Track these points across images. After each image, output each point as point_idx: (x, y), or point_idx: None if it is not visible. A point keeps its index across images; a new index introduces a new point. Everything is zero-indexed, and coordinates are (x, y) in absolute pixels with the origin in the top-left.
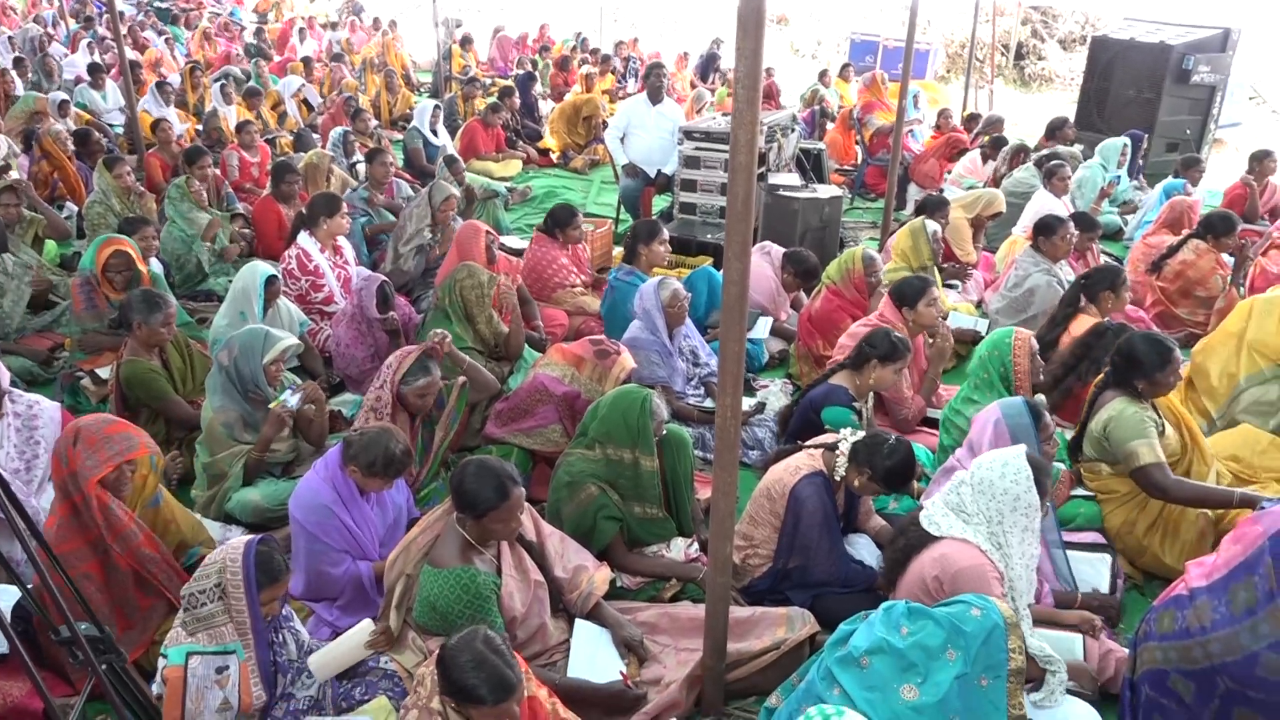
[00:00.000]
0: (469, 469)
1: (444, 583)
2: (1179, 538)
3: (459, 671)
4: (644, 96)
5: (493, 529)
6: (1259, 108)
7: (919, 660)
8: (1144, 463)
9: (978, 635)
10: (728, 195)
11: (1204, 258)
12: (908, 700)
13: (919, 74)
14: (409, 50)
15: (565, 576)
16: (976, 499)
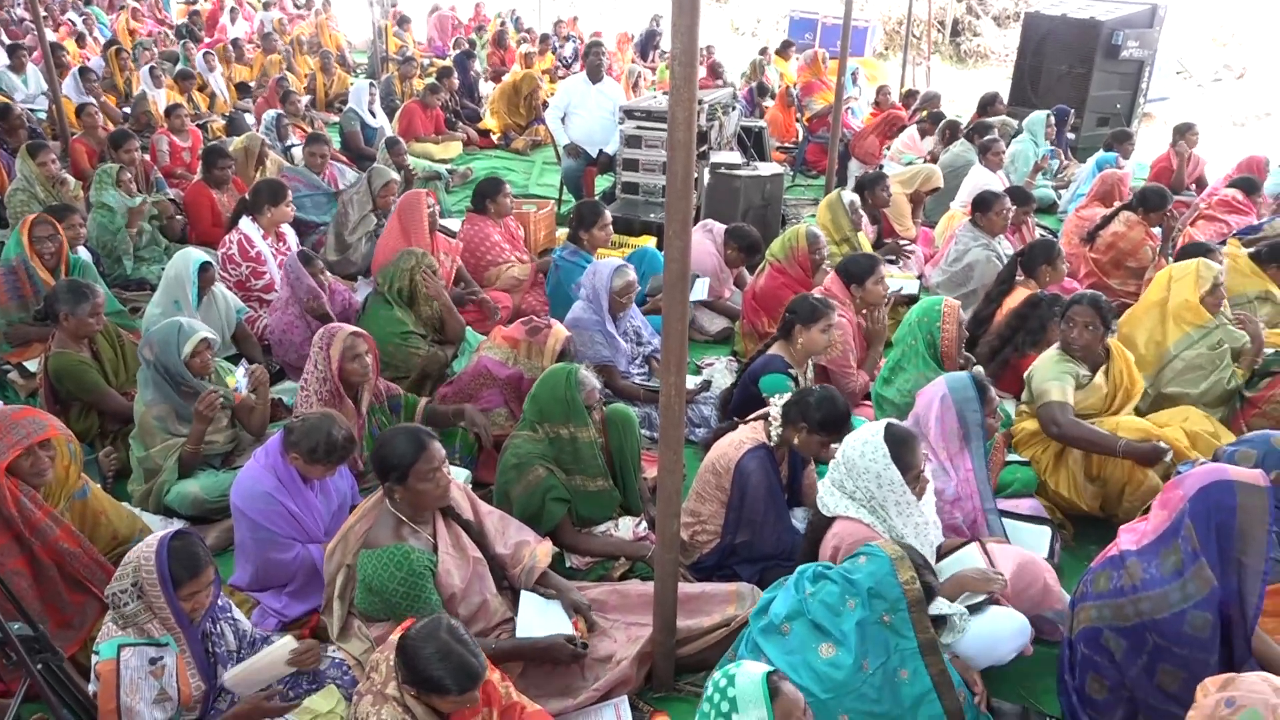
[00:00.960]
0: (385, 437)
1: (378, 563)
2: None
3: (423, 662)
4: (584, 76)
5: (420, 490)
6: (1185, 82)
7: (825, 618)
8: (1048, 399)
9: (866, 580)
10: (667, 173)
11: (1135, 229)
12: (826, 658)
13: (857, 51)
14: (343, 31)
15: (507, 553)
16: (851, 479)
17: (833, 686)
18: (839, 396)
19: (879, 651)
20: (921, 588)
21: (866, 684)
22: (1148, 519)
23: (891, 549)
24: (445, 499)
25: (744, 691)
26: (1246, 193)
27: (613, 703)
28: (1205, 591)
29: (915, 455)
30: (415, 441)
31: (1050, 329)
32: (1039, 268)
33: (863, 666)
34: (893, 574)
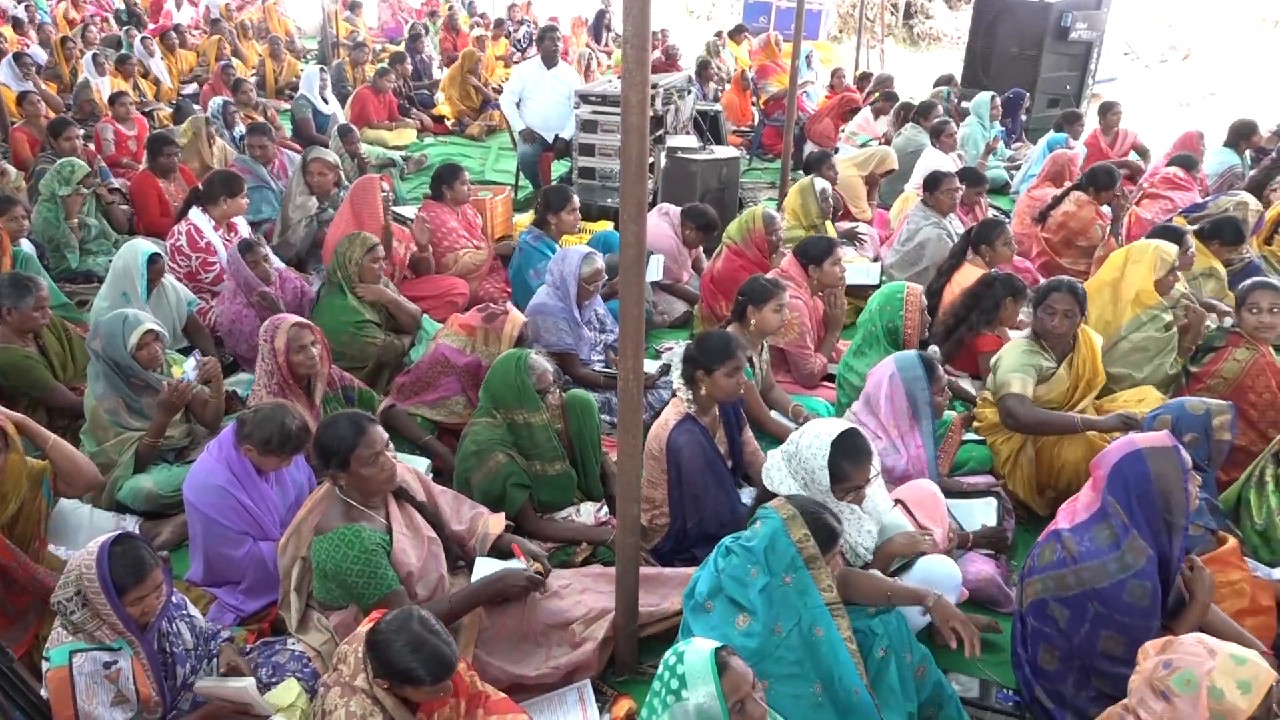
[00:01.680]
0: (325, 423)
1: (330, 546)
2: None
3: (395, 654)
4: (538, 60)
5: (364, 475)
6: (1133, 63)
7: (736, 591)
8: (1008, 391)
9: (761, 545)
10: (621, 158)
11: (1085, 208)
12: (742, 628)
13: (811, 34)
14: (292, 16)
15: (463, 528)
16: (793, 459)
17: (749, 655)
18: (713, 332)
19: (789, 614)
20: (818, 544)
21: (783, 648)
22: (1079, 497)
23: (784, 509)
24: (393, 482)
25: (692, 668)
26: (1186, 169)
27: (576, 687)
28: (1142, 561)
29: (858, 471)
30: (354, 426)
31: (1004, 307)
32: (983, 246)
33: (775, 631)
34: (785, 534)
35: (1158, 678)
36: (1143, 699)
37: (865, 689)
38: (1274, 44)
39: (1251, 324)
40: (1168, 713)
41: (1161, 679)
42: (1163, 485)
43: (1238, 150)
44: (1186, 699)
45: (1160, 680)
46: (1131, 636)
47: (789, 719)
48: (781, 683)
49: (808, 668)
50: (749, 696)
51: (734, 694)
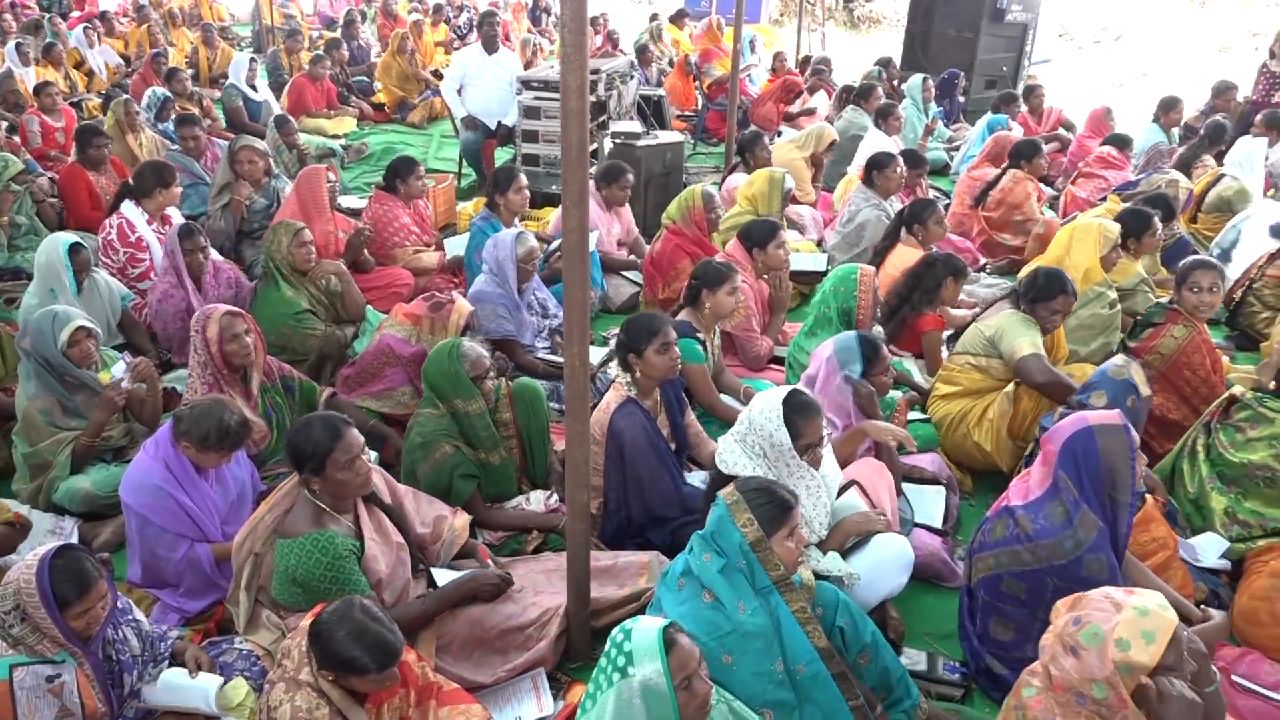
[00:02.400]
0: (298, 425)
1: (299, 551)
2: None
3: (339, 644)
4: (479, 46)
5: (339, 480)
6: (1067, 44)
7: (702, 573)
8: (1025, 354)
9: (710, 531)
10: (562, 143)
11: (1020, 185)
12: (708, 603)
13: (753, 18)
14: (225, 3)
15: (427, 530)
16: (752, 434)
17: (713, 629)
18: (635, 314)
19: (749, 594)
20: (768, 520)
21: (748, 623)
22: (1030, 474)
23: (730, 495)
24: (368, 487)
25: (639, 645)
26: (1119, 149)
27: (530, 675)
28: (1094, 535)
29: (810, 425)
30: (331, 430)
31: (946, 287)
32: (915, 226)
33: (740, 609)
34: (730, 519)
35: (1067, 633)
36: (1054, 655)
37: (817, 662)
38: (1202, 25)
39: (1192, 302)
40: (1076, 667)
41: (1071, 634)
42: (1110, 461)
43: (1164, 127)
44: (1093, 652)
45: (1069, 635)
46: None
47: (751, 698)
48: (745, 659)
49: (773, 645)
50: (695, 674)
51: (681, 671)
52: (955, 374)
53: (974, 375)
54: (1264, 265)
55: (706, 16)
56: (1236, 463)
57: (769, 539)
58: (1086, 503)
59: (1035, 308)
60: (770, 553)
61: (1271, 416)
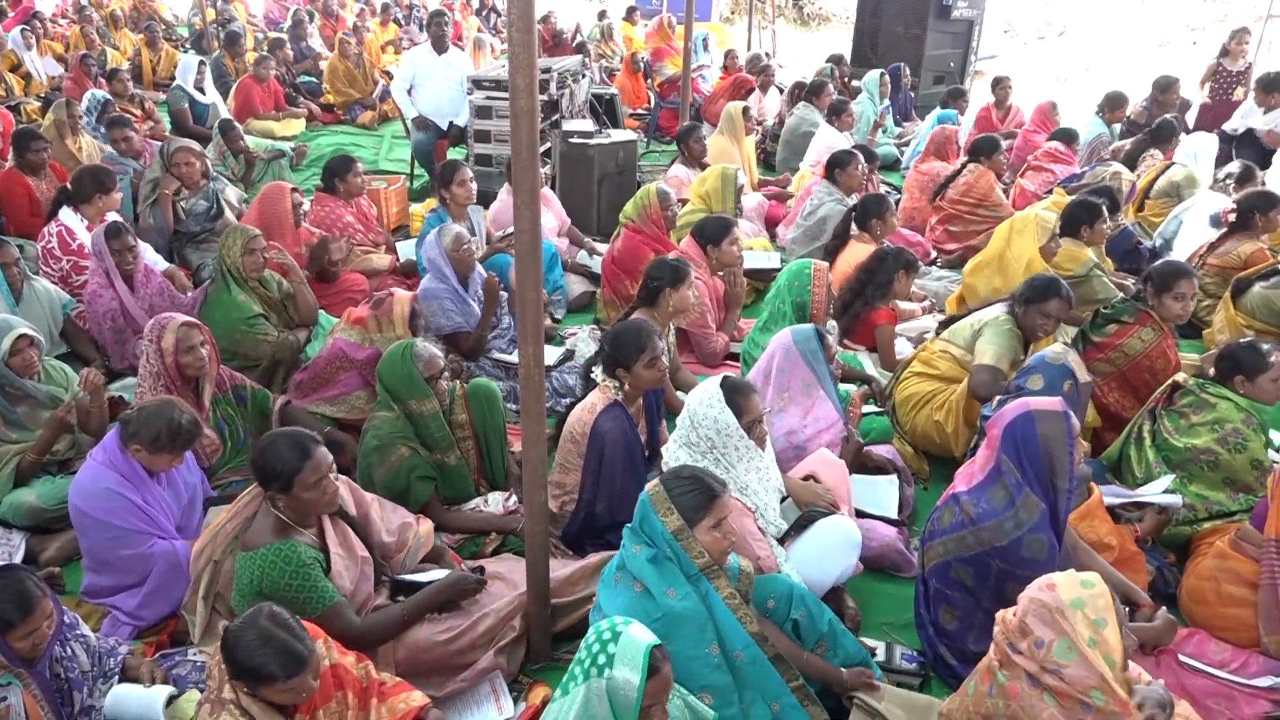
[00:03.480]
0: (265, 443)
1: (262, 563)
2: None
3: (245, 652)
4: (429, 46)
5: (306, 499)
6: (1013, 40)
7: (633, 565)
8: (985, 362)
9: (637, 524)
10: (512, 143)
11: (982, 178)
12: (639, 592)
13: (704, 16)
14: (167, 4)
15: (392, 539)
16: (695, 430)
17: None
18: (619, 328)
19: (679, 580)
20: (694, 507)
21: (677, 607)
22: (975, 460)
23: (653, 488)
24: (334, 505)
25: (626, 650)
26: (1066, 143)
27: (488, 679)
28: (1036, 516)
29: (750, 402)
30: (298, 449)
31: (898, 280)
32: (871, 221)
33: (669, 594)
34: (652, 510)
35: (1041, 659)
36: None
37: (753, 647)
38: (1142, 20)
39: (1175, 311)
40: (1074, 683)
41: (1044, 659)
42: (1048, 446)
43: (1106, 121)
44: (1076, 664)
45: (1045, 661)
46: None
47: (687, 681)
48: (676, 643)
49: (706, 629)
50: (660, 704)
51: (652, 696)
52: (935, 358)
53: (953, 364)
54: (1204, 254)
55: (657, 15)
56: (1181, 448)
57: (692, 527)
58: (1029, 485)
59: (1028, 310)
60: (693, 540)
61: (1214, 402)
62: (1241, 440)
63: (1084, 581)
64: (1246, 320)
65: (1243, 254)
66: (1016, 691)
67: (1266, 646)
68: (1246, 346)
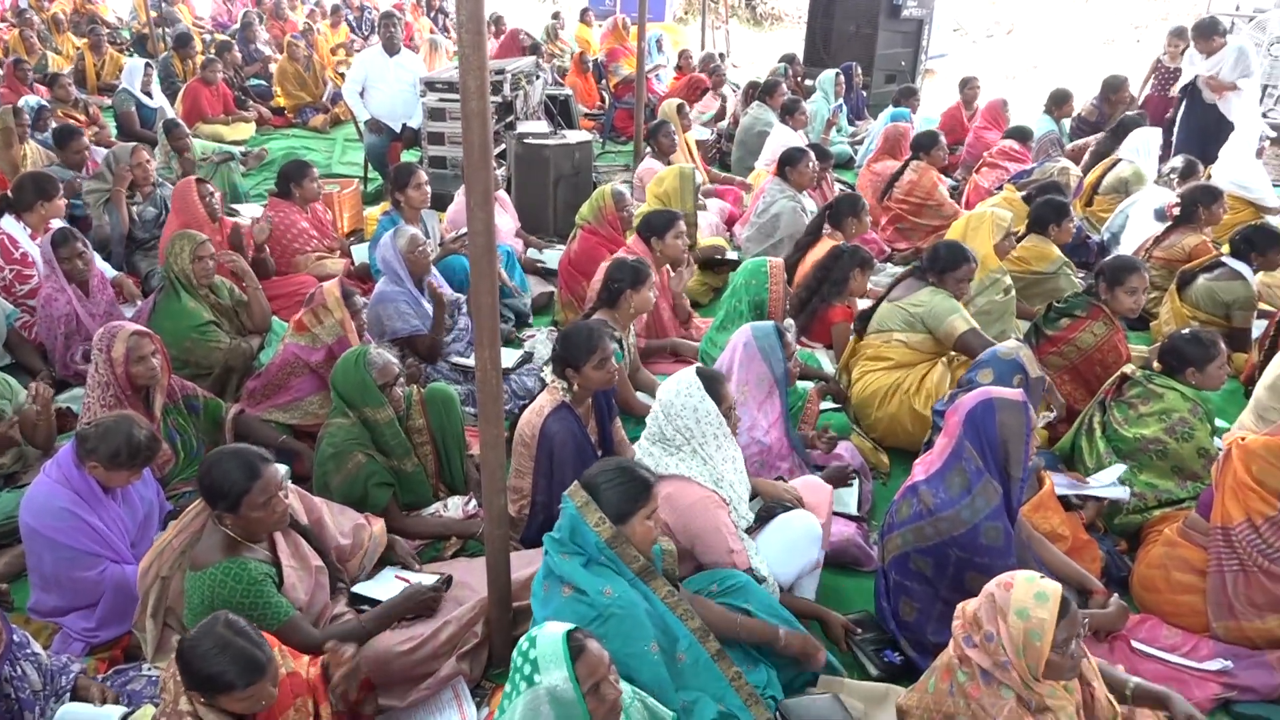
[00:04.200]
0: (213, 460)
1: (212, 583)
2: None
3: (202, 661)
4: (380, 48)
5: (254, 518)
6: (962, 38)
7: (561, 569)
8: (962, 330)
9: (566, 534)
10: (464, 145)
11: (925, 175)
12: (568, 596)
13: (658, 16)
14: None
15: (347, 542)
16: (670, 423)
17: (579, 620)
18: (570, 328)
19: (615, 580)
20: (629, 499)
21: (614, 605)
22: (933, 449)
23: (578, 495)
24: (284, 523)
25: (544, 652)
26: (1021, 141)
27: (451, 684)
28: (995, 502)
29: (725, 389)
30: (247, 468)
31: (853, 278)
32: (845, 220)
33: (605, 593)
34: (582, 521)
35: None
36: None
37: (696, 646)
38: (1088, 19)
39: (1128, 305)
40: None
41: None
42: (1005, 435)
43: (1055, 118)
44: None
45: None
46: (994, 574)
47: (628, 679)
48: (615, 641)
49: (644, 625)
50: (605, 679)
51: (589, 677)
52: (882, 349)
53: (903, 350)
54: (1150, 247)
55: (610, 15)
56: (1130, 438)
57: (626, 522)
58: (989, 471)
59: (944, 279)
60: (628, 545)
61: (1161, 392)
62: (1189, 429)
63: (1038, 594)
64: (1191, 312)
65: (1187, 247)
66: (976, 690)
67: (1216, 631)
68: (1192, 340)
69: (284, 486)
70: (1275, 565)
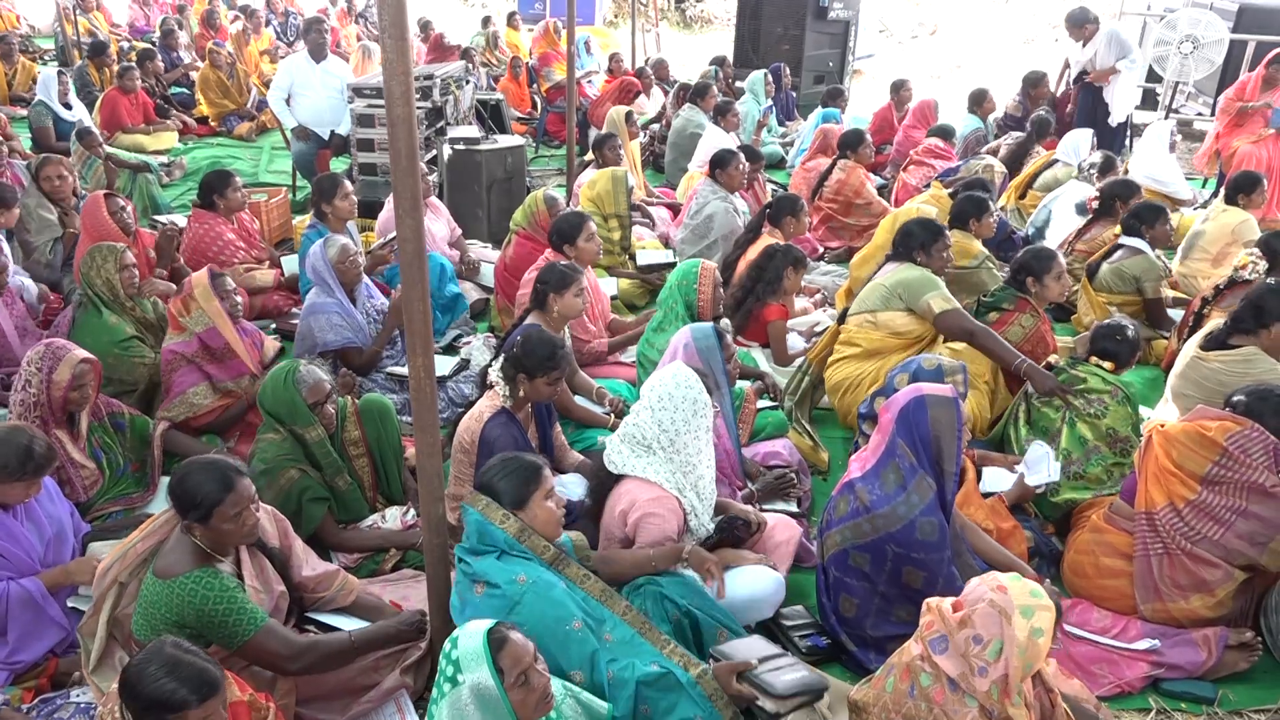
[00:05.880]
0: (186, 469)
1: (182, 591)
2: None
3: (151, 683)
4: (306, 54)
5: (225, 530)
6: (888, 40)
7: (475, 570)
8: (943, 308)
9: (474, 539)
10: (390, 151)
11: (852, 174)
12: (481, 594)
13: (587, 20)
14: (22, 13)
15: (313, 574)
16: (659, 418)
17: (495, 610)
18: (538, 334)
19: (530, 567)
20: (520, 483)
21: (529, 591)
22: (868, 445)
23: (477, 500)
24: (253, 537)
25: (466, 650)
26: (945, 139)
27: (393, 697)
28: (929, 497)
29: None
30: (221, 481)
31: (787, 277)
32: (784, 219)
33: (519, 580)
34: (488, 521)
35: (971, 655)
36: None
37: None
38: (1008, 19)
39: (1057, 290)
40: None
41: (975, 654)
42: (938, 430)
43: (980, 116)
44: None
45: (975, 656)
46: (930, 570)
47: (563, 667)
48: (539, 626)
49: (565, 604)
50: (530, 668)
51: (514, 667)
52: (853, 334)
53: (871, 334)
54: (1073, 240)
55: (541, 19)
56: (1052, 416)
57: (526, 505)
58: (924, 468)
59: (930, 253)
60: (534, 535)
61: (1083, 376)
62: (1103, 408)
63: (1033, 591)
64: (1106, 297)
65: (1107, 239)
66: (940, 696)
67: (1143, 613)
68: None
69: (255, 501)
70: (1198, 548)
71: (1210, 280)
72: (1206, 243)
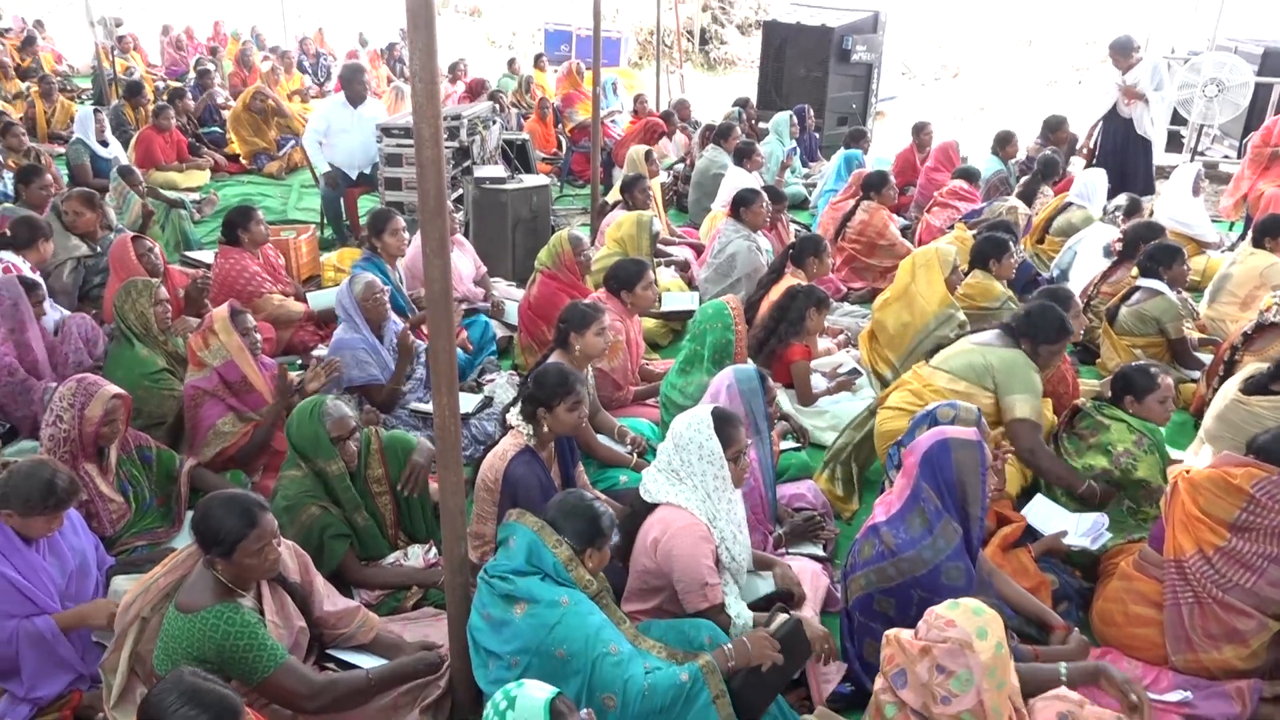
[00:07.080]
0: (210, 504)
1: (204, 626)
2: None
3: (170, 712)
4: (342, 99)
5: (247, 565)
6: (910, 81)
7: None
8: (1019, 415)
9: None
10: (419, 192)
11: (875, 215)
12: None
13: (612, 61)
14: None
15: (333, 610)
16: (679, 454)
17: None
18: (546, 366)
19: (571, 594)
20: (583, 538)
21: (571, 612)
22: (893, 490)
23: (531, 521)
24: (274, 571)
25: (523, 713)
26: (969, 181)
27: None
28: (955, 541)
29: (737, 433)
30: (245, 516)
31: (809, 318)
32: (807, 259)
33: (561, 601)
34: (542, 544)
35: (935, 685)
36: (926, 704)
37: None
38: (1031, 62)
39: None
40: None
41: (939, 684)
42: (962, 475)
43: (1003, 159)
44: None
45: (939, 686)
46: None
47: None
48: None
49: (605, 629)
50: None
51: None
52: (925, 392)
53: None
54: (1098, 283)
55: (565, 60)
56: (1080, 469)
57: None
58: (948, 512)
59: (1041, 351)
60: (580, 567)
61: (1108, 424)
62: (1132, 461)
63: (975, 609)
64: (1129, 340)
65: (1133, 281)
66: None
67: (1174, 663)
68: (1137, 369)
69: (278, 536)
70: (1229, 596)
71: (1239, 324)
72: (1234, 286)
